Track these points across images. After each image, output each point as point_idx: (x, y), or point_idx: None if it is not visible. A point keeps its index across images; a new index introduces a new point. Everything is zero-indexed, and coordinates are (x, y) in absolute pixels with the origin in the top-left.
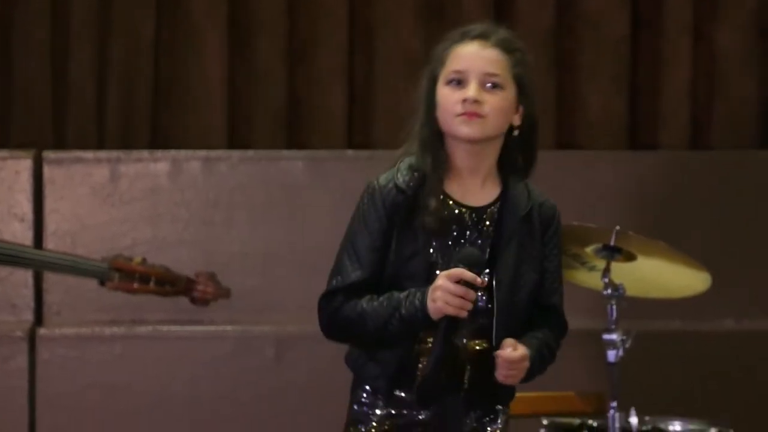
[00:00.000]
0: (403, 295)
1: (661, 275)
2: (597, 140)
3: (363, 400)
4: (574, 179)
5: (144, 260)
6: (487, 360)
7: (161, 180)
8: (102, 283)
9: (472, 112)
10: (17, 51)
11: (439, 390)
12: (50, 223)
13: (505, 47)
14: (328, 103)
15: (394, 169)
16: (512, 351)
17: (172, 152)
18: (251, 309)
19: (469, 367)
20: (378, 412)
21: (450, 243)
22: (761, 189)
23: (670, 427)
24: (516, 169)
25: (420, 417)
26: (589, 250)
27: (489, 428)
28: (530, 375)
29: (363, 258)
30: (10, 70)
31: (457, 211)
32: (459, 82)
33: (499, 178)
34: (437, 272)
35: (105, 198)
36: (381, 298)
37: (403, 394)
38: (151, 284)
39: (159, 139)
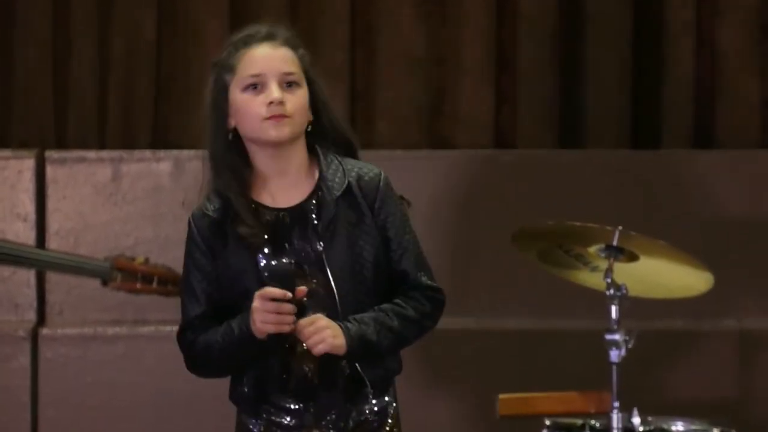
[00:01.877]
0: (234, 321)
1: (664, 275)
2: (599, 139)
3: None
4: (577, 178)
5: (146, 260)
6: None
7: (163, 179)
8: (104, 282)
9: (279, 114)
10: (19, 50)
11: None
12: (53, 223)
13: (293, 45)
14: (330, 101)
15: (205, 197)
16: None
17: (174, 152)
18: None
19: (341, 360)
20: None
21: (278, 250)
22: (764, 188)
23: (673, 427)
24: (326, 155)
25: (299, 420)
26: (591, 250)
27: (361, 408)
28: (367, 345)
29: (198, 292)
30: (12, 69)
31: (273, 217)
32: (256, 86)
33: (313, 167)
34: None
35: (107, 197)
36: (218, 328)
37: (284, 402)
38: (154, 284)
39: (160, 138)
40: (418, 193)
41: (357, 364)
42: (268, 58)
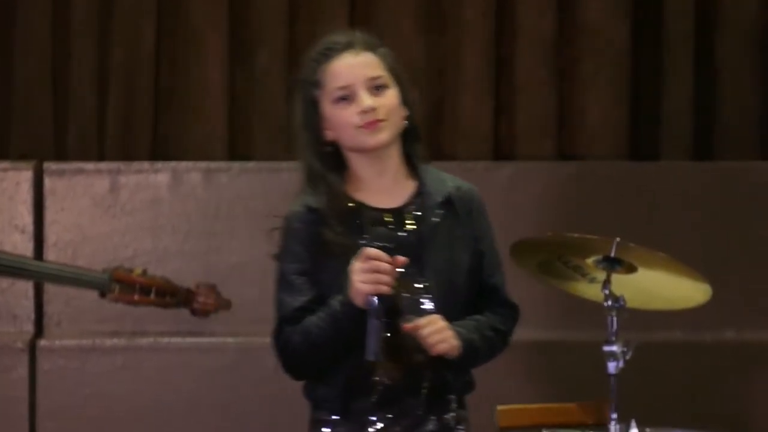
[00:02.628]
0: (333, 298)
1: (662, 287)
2: (598, 150)
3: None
4: (575, 190)
5: (144, 271)
6: (442, 363)
7: (162, 191)
8: (102, 294)
9: (372, 120)
10: (18, 61)
11: (397, 391)
12: (51, 235)
13: (372, 47)
14: None
15: (301, 200)
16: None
17: (173, 163)
18: (252, 320)
19: (425, 367)
20: None
21: (379, 249)
22: (762, 200)
23: None
24: (420, 158)
25: (380, 426)
26: (589, 261)
27: (444, 416)
28: (474, 352)
29: (296, 285)
30: (10, 80)
31: (375, 217)
32: (346, 97)
33: (409, 171)
34: None
35: (106, 209)
36: (316, 314)
37: (366, 404)
38: (152, 295)
39: (159, 150)
40: None
41: (448, 374)
42: (352, 67)
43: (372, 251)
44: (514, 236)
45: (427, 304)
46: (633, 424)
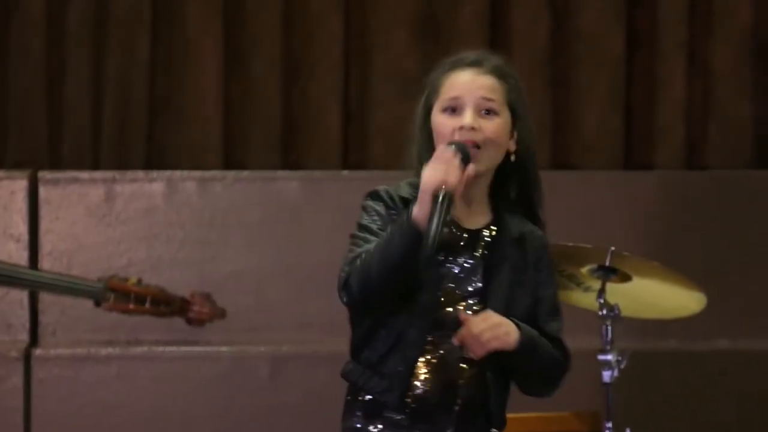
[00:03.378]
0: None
1: (657, 295)
2: (592, 160)
3: (356, 425)
4: (569, 199)
5: (139, 281)
6: (479, 382)
7: (156, 200)
8: (97, 303)
9: (468, 139)
10: (12, 71)
11: (434, 397)
12: (46, 243)
13: (499, 74)
14: (324, 122)
15: (396, 186)
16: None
17: (168, 172)
18: (246, 329)
19: (461, 383)
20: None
21: (445, 263)
22: (756, 208)
23: None
24: (507, 197)
25: None
26: (584, 270)
27: None
28: (532, 349)
29: (372, 236)
30: (5, 89)
31: (452, 233)
32: (454, 109)
33: (489, 204)
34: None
35: (100, 218)
36: None
37: (397, 417)
38: (147, 305)
39: (154, 158)
40: None
41: (490, 395)
42: (469, 83)
43: (446, 152)
44: None
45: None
46: None
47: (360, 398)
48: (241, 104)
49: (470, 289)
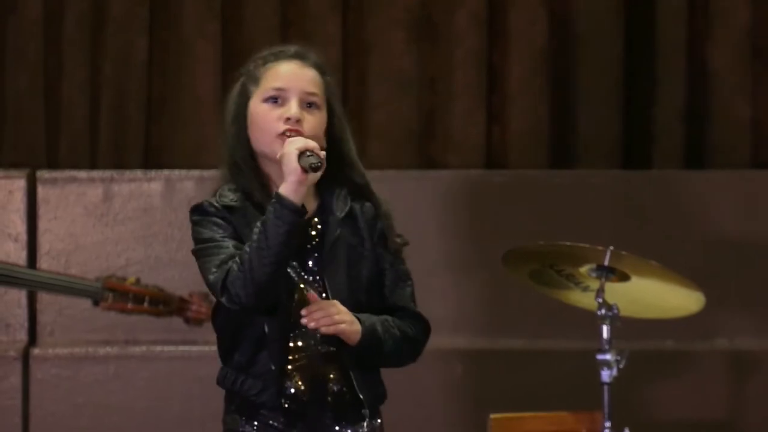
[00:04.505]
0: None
1: (655, 295)
2: (590, 160)
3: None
4: (568, 199)
5: (137, 280)
6: (345, 373)
7: (155, 200)
8: (96, 303)
9: (294, 130)
10: (10, 70)
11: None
12: (44, 243)
13: (321, 69)
14: None
15: (218, 193)
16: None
17: (166, 172)
18: None
19: (331, 380)
20: None
21: None
22: (754, 208)
23: None
24: (334, 187)
25: None
26: (583, 270)
27: (356, 428)
28: (377, 342)
29: (221, 239)
30: (2, 89)
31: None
32: (277, 99)
33: (314, 194)
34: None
35: (99, 218)
36: None
37: (273, 418)
38: (145, 304)
39: (152, 158)
40: (409, 213)
41: (355, 383)
42: (294, 75)
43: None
44: (507, 245)
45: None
46: None
47: (236, 402)
48: None
49: (310, 278)
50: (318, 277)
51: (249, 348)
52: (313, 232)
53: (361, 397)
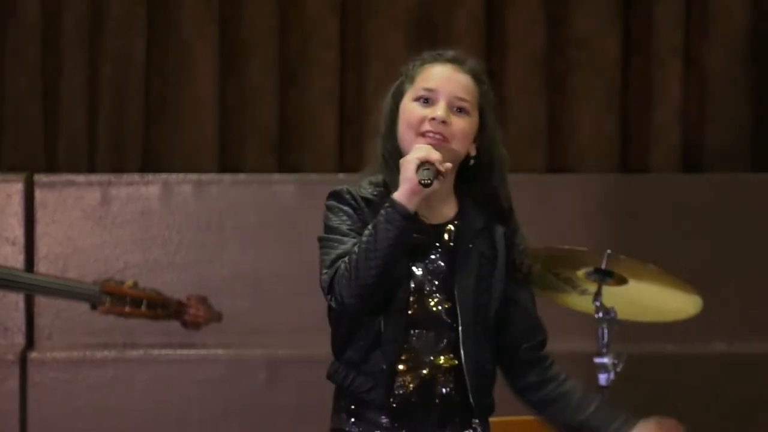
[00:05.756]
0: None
1: (653, 298)
2: (588, 163)
3: (341, 427)
4: (565, 202)
5: (135, 284)
6: (456, 376)
7: (152, 203)
8: (93, 306)
9: (437, 132)
10: (8, 74)
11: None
12: (42, 247)
13: (476, 76)
14: (320, 125)
15: (357, 185)
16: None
17: (163, 176)
18: (243, 332)
19: (440, 382)
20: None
21: (415, 261)
22: (752, 212)
23: None
24: (476, 197)
25: None
26: (580, 273)
27: None
28: None
29: (344, 236)
30: (1, 93)
31: (417, 229)
32: (427, 100)
33: (456, 200)
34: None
35: (96, 221)
36: None
37: (380, 417)
38: (143, 308)
39: (150, 162)
40: None
41: (469, 388)
42: (446, 78)
43: (408, 171)
44: None
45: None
46: None
47: (345, 399)
48: (237, 108)
49: (437, 283)
50: (445, 283)
51: (363, 345)
52: (446, 237)
53: (473, 402)
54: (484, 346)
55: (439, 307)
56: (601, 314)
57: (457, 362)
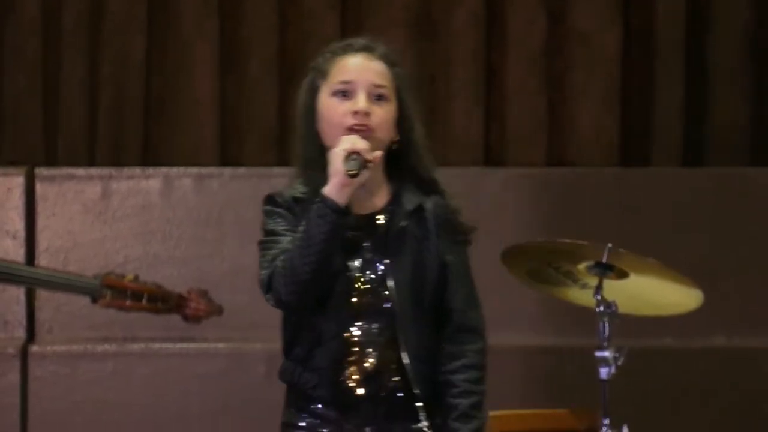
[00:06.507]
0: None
1: (653, 292)
2: (588, 158)
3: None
4: (566, 197)
5: (136, 277)
6: (401, 370)
7: (153, 197)
8: (94, 300)
9: (362, 124)
10: (8, 68)
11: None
12: (42, 240)
13: (389, 60)
14: None
15: (288, 188)
16: None
17: (164, 169)
18: (243, 326)
19: (387, 374)
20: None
21: (349, 254)
22: (752, 206)
23: None
24: (405, 179)
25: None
26: (581, 267)
27: (407, 427)
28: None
29: (281, 237)
30: (1, 87)
31: (352, 222)
32: (345, 93)
33: (387, 187)
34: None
35: (97, 215)
36: None
37: (328, 411)
38: (143, 301)
39: (150, 156)
40: None
41: (410, 377)
42: (361, 68)
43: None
44: (505, 242)
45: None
46: (625, 429)
47: (294, 394)
48: (237, 102)
49: (374, 275)
50: (382, 273)
51: (307, 342)
52: (382, 224)
53: (417, 391)
54: (425, 331)
55: (379, 298)
56: (601, 308)
57: (398, 358)
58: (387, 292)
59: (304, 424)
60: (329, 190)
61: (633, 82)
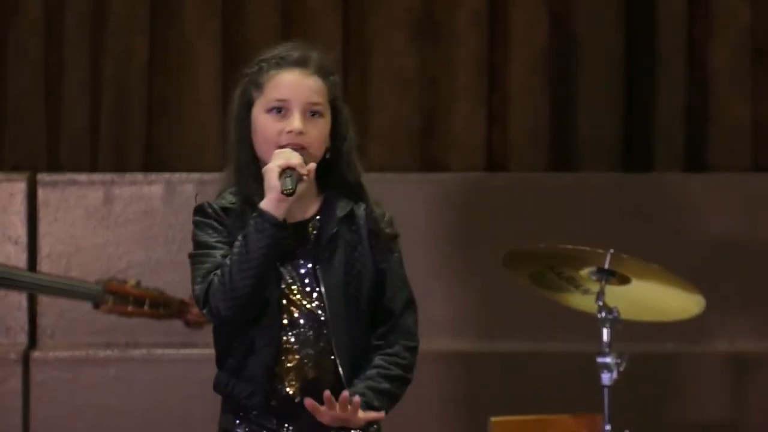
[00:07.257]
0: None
1: (656, 298)
2: (591, 161)
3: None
4: (568, 201)
5: (138, 283)
6: (337, 377)
7: (155, 202)
8: (96, 305)
9: (296, 143)
10: (10, 72)
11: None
12: (44, 246)
13: (323, 73)
14: None
15: (221, 195)
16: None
17: (166, 175)
18: None
19: (324, 381)
20: None
21: (279, 262)
22: (755, 211)
23: None
24: (335, 186)
25: None
26: (583, 273)
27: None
28: (394, 402)
29: (213, 250)
30: (3, 91)
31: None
32: (280, 110)
33: (318, 196)
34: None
35: (99, 220)
36: None
37: (265, 419)
38: (145, 307)
39: (152, 160)
40: (409, 215)
41: (345, 382)
42: (296, 86)
43: (272, 179)
44: (507, 247)
45: (323, 315)
46: None
47: (230, 404)
48: None
49: (307, 281)
50: (315, 279)
51: (240, 352)
52: (314, 231)
53: (355, 398)
54: (359, 335)
55: (313, 305)
56: (603, 314)
57: (334, 366)
58: (318, 298)
59: (244, 431)
60: (267, 204)
61: (635, 86)
